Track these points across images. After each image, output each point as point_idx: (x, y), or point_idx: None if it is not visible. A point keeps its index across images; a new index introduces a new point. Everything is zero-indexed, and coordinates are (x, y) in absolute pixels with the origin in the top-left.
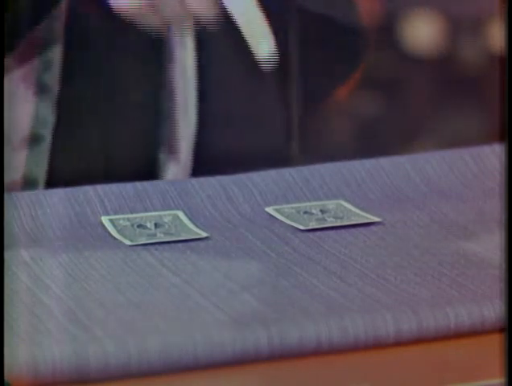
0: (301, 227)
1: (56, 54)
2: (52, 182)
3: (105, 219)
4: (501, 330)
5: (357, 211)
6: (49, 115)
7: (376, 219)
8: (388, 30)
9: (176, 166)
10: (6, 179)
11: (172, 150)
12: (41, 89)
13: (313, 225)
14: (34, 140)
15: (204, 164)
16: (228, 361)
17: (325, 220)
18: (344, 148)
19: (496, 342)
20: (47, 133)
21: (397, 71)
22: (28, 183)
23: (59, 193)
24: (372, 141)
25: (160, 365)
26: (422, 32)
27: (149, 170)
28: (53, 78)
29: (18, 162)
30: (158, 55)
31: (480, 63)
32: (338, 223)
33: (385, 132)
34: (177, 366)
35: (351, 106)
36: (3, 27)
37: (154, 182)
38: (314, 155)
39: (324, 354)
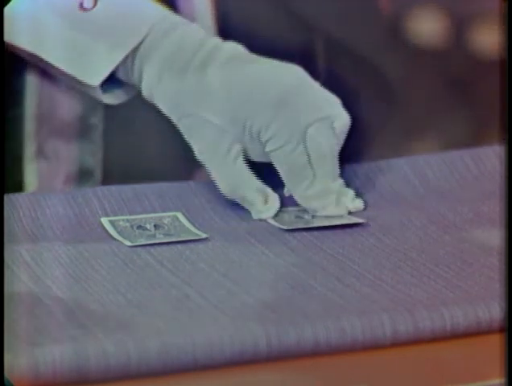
0: (284, 227)
1: None
2: (108, 173)
3: (104, 221)
4: (497, 331)
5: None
6: (98, 103)
7: (360, 220)
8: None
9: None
10: (63, 172)
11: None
12: None
13: (297, 225)
14: (85, 130)
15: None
16: (226, 361)
17: (311, 221)
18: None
19: (492, 343)
20: (99, 122)
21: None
22: (84, 175)
23: (58, 194)
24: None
25: (159, 365)
26: (423, 32)
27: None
28: None
29: (72, 154)
30: None
31: (482, 63)
32: (320, 224)
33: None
34: (176, 366)
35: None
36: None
37: (153, 184)
38: None
39: (322, 354)
